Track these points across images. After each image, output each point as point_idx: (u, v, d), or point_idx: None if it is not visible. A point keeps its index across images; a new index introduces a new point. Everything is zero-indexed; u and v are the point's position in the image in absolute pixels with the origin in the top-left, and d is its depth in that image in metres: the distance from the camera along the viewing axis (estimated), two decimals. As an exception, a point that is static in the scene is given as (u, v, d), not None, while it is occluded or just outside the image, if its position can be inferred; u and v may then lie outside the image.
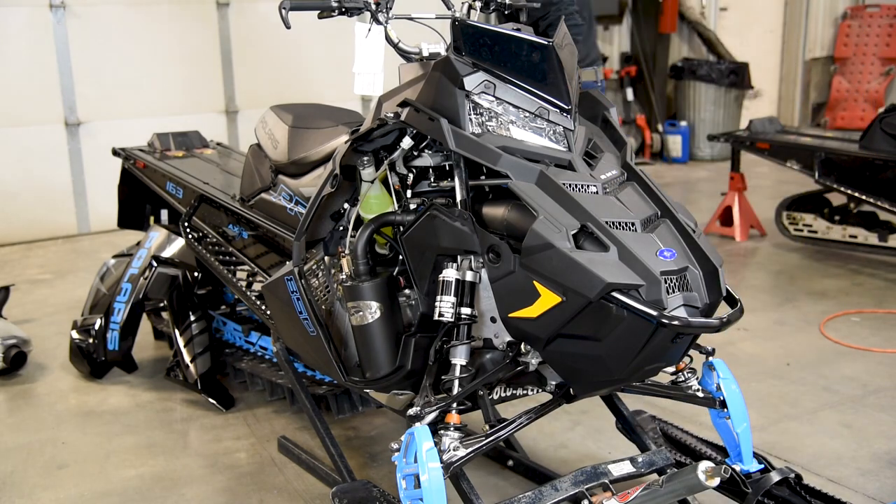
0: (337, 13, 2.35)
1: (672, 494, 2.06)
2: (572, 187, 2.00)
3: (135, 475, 2.95)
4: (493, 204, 2.12)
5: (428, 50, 2.36)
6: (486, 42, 2.10)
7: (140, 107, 6.81)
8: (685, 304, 1.92)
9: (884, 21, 9.62)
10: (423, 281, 2.23)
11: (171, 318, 3.63)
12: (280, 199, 2.89)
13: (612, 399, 2.57)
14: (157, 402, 3.55)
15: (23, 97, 6.41)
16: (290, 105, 3.09)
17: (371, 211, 2.39)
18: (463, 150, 2.06)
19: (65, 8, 6.45)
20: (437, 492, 1.94)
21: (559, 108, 2.12)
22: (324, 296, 2.56)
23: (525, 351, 2.15)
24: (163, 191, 3.67)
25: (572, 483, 2.13)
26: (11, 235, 6.46)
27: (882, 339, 4.04)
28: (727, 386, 2.36)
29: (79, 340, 3.76)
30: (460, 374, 2.09)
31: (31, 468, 3.02)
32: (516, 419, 2.17)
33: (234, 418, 3.37)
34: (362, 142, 2.33)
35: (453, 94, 2.09)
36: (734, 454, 2.43)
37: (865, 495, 2.69)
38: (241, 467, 2.98)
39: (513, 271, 1.98)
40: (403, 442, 2.06)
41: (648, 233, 1.97)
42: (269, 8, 7.22)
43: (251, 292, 3.23)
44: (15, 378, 3.81)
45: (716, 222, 6.10)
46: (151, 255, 3.73)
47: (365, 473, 2.89)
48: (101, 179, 6.50)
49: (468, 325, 2.10)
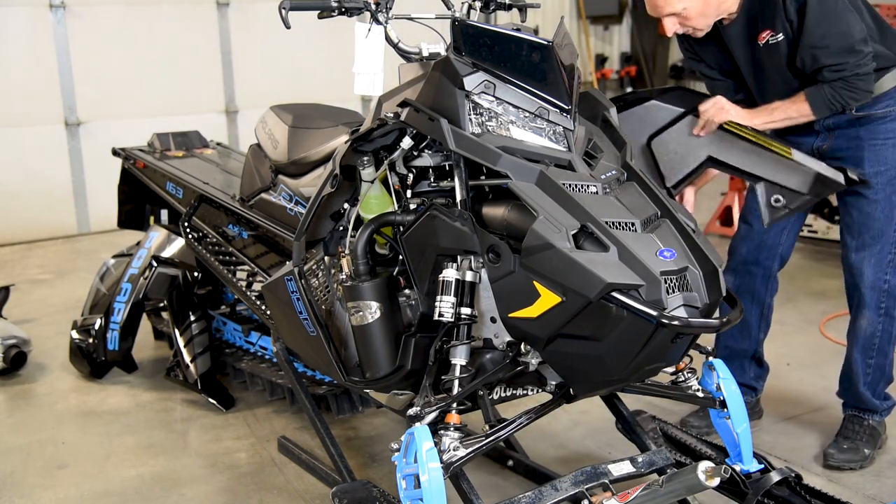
0: (337, 13, 2.35)
1: (672, 494, 2.06)
2: (572, 187, 2.00)
3: (135, 475, 2.95)
4: (493, 204, 2.12)
5: (428, 50, 2.36)
6: (486, 42, 2.10)
7: (140, 107, 6.80)
8: (685, 304, 1.92)
9: (884, 21, 9.61)
10: (423, 281, 2.23)
11: (171, 318, 3.63)
12: (280, 199, 2.89)
13: (612, 399, 2.57)
14: (157, 402, 3.55)
15: (23, 97, 6.41)
16: (290, 105, 3.09)
17: (371, 211, 2.39)
18: (463, 151, 2.06)
19: (65, 8, 6.45)
20: (437, 492, 1.94)
21: (559, 108, 2.12)
22: (324, 296, 2.56)
23: (525, 351, 2.15)
24: (163, 191, 3.67)
25: (572, 483, 2.13)
26: (11, 235, 6.46)
27: (882, 339, 4.04)
28: (727, 386, 2.37)
29: (79, 340, 3.76)
30: (460, 374, 2.09)
31: (31, 468, 3.02)
32: (516, 419, 2.17)
33: (234, 418, 3.37)
34: (362, 142, 2.33)
35: (453, 94, 2.09)
36: (734, 454, 2.43)
37: (865, 495, 2.69)
38: (241, 467, 2.98)
39: (513, 271, 1.98)
40: (403, 442, 2.06)
41: (648, 233, 1.97)
42: (269, 8, 7.21)
43: (251, 292, 3.23)
44: (15, 378, 3.81)
45: (716, 222, 6.10)
46: (151, 255, 3.73)
47: (365, 473, 2.89)
48: (101, 179, 6.49)
49: (468, 325, 2.10)
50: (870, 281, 2.78)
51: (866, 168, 2.71)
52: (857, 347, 2.88)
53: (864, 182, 2.69)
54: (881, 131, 2.71)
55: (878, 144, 2.71)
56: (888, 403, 2.97)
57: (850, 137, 2.73)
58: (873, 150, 2.71)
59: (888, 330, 2.84)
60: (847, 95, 2.58)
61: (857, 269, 2.79)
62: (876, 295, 2.79)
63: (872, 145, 2.71)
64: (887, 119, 2.70)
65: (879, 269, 2.77)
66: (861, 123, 2.71)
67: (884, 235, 2.75)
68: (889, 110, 2.70)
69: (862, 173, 2.69)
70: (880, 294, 2.79)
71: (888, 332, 2.85)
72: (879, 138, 2.71)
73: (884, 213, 2.74)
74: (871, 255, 2.76)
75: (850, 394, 2.97)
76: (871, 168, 2.71)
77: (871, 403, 2.93)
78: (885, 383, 2.95)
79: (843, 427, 2.96)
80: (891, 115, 2.70)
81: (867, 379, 2.90)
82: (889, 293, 2.79)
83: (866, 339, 2.86)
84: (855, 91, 2.57)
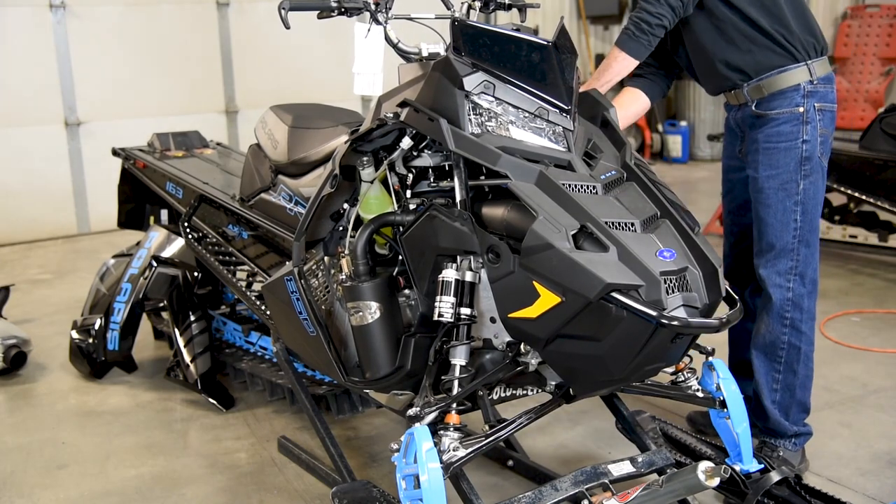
0: (337, 13, 2.35)
1: (672, 494, 2.06)
2: (572, 187, 2.00)
3: (135, 475, 2.95)
4: (493, 204, 2.12)
5: (427, 50, 2.36)
6: (486, 42, 2.10)
7: (140, 107, 6.81)
8: (685, 304, 1.92)
9: (884, 21, 9.61)
10: (423, 281, 2.23)
11: (171, 318, 3.63)
12: (280, 199, 2.89)
13: (612, 399, 2.57)
14: (157, 402, 3.55)
15: (23, 97, 6.42)
16: (290, 105, 3.09)
17: (371, 211, 2.39)
18: (462, 151, 2.06)
19: (65, 8, 6.46)
20: (436, 492, 1.94)
21: (559, 109, 2.12)
22: (324, 296, 2.56)
23: (525, 351, 2.15)
24: (163, 191, 3.67)
25: (572, 483, 2.13)
26: (11, 235, 6.46)
27: (882, 339, 4.04)
28: (727, 386, 2.37)
29: (79, 340, 3.76)
30: (460, 374, 2.09)
31: (31, 468, 3.02)
32: (516, 419, 2.17)
33: (234, 418, 3.37)
34: (362, 142, 2.33)
35: (453, 95, 2.09)
36: (734, 454, 2.43)
37: (865, 495, 2.69)
38: (241, 467, 2.98)
39: (512, 271, 1.98)
40: (403, 442, 2.06)
41: (648, 233, 1.97)
42: (269, 8, 7.21)
43: (251, 292, 3.23)
44: (15, 378, 3.81)
45: (716, 222, 6.10)
46: (151, 255, 3.73)
47: (365, 473, 2.89)
48: (101, 179, 6.50)
49: (468, 325, 2.10)
50: (768, 283, 2.67)
51: (760, 172, 2.65)
52: (758, 352, 2.74)
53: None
54: (773, 134, 2.63)
55: (771, 148, 2.63)
56: (799, 429, 2.76)
57: (751, 141, 2.69)
58: (767, 153, 2.64)
59: (795, 345, 2.69)
60: (635, 17, 2.54)
61: (758, 275, 2.70)
62: (779, 304, 2.67)
63: (766, 149, 2.64)
64: (780, 121, 2.62)
65: (780, 276, 2.66)
66: (758, 124, 2.65)
67: (780, 241, 2.64)
68: (782, 111, 2.62)
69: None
70: (783, 303, 2.66)
71: (795, 346, 2.69)
72: (772, 141, 2.63)
73: (776, 218, 2.64)
74: (769, 261, 2.67)
75: (757, 408, 2.76)
76: (764, 172, 2.64)
77: (780, 425, 2.74)
78: (798, 409, 2.75)
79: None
80: (782, 117, 2.62)
81: (775, 396, 2.73)
82: (794, 303, 2.66)
83: (767, 346, 2.72)
84: (640, 12, 2.53)
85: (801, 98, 2.61)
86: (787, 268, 2.66)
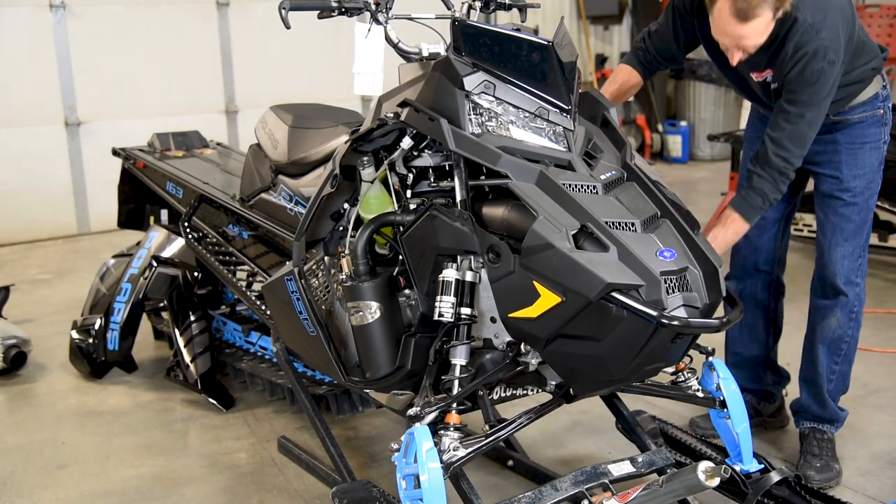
0: (337, 13, 2.35)
1: (672, 494, 2.06)
2: (572, 187, 2.00)
3: (135, 475, 2.95)
4: (493, 204, 2.12)
5: (428, 50, 2.36)
6: (486, 42, 2.10)
7: (140, 107, 6.80)
8: (685, 304, 1.92)
9: (884, 21, 9.61)
10: (423, 281, 2.23)
11: (171, 318, 3.63)
12: (280, 199, 2.89)
13: (612, 399, 2.57)
14: (157, 402, 3.55)
15: (23, 97, 6.41)
16: (290, 105, 3.09)
17: (371, 211, 2.39)
18: (463, 151, 2.06)
19: (65, 8, 6.45)
20: (436, 492, 1.94)
21: (559, 108, 2.12)
22: (324, 296, 2.56)
23: (525, 351, 2.15)
24: (163, 191, 3.67)
25: (572, 483, 2.13)
26: (11, 235, 6.46)
27: (882, 339, 4.04)
28: (727, 386, 2.37)
29: (79, 340, 3.76)
30: (460, 374, 2.09)
31: (31, 468, 3.02)
32: (516, 419, 2.17)
33: (234, 418, 3.37)
34: (362, 142, 2.33)
35: (453, 95, 2.09)
36: (734, 454, 2.43)
37: (865, 495, 2.69)
38: (241, 467, 2.98)
39: (513, 271, 1.98)
40: (403, 442, 2.06)
41: (648, 233, 1.98)
42: (269, 8, 7.20)
43: (251, 292, 3.23)
44: (15, 378, 3.81)
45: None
46: (151, 255, 3.73)
47: (365, 473, 2.89)
48: (101, 179, 6.49)
49: (468, 325, 2.10)
50: (842, 281, 2.73)
51: (844, 171, 2.69)
52: (824, 347, 2.81)
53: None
54: (858, 135, 2.68)
55: (856, 147, 2.69)
56: (844, 415, 2.90)
57: (826, 142, 2.70)
58: (851, 153, 2.69)
59: (855, 337, 2.80)
60: (768, 187, 2.52)
61: (829, 270, 2.74)
62: (852, 300, 2.75)
63: (850, 148, 2.69)
64: (864, 123, 2.68)
65: (854, 273, 2.74)
66: (837, 128, 2.68)
67: (857, 237, 2.73)
68: (866, 115, 2.68)
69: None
70: (854, 299, 2.76)
71: (855, 339, 2.81)
72: (857, 142, 2.69)
73: (859, 215, 2.72)
74: (844, 256, 2.73)
75: (814, 399, 2.85)
76: (850, 171, 2.69)
77: (834, 413, 2.85)
78: (840, 394, 2.89)
79: (806, 444, 2.85)
80: (867, 119, 2.68)
81: (830, 386, 2.83)
82: (861, 299, 2.78)
83: (834, 340, 2.79)
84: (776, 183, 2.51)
85: (881, 102, 2.71)
86: (858, 265, 2.76)
